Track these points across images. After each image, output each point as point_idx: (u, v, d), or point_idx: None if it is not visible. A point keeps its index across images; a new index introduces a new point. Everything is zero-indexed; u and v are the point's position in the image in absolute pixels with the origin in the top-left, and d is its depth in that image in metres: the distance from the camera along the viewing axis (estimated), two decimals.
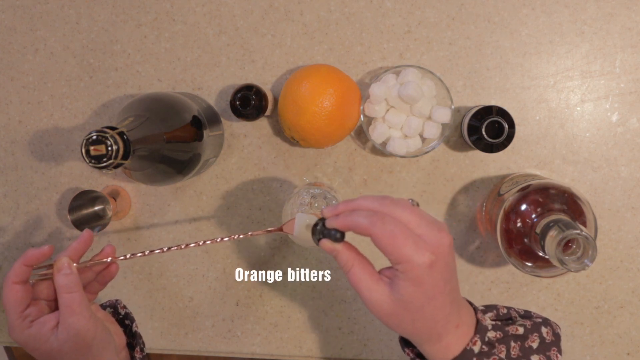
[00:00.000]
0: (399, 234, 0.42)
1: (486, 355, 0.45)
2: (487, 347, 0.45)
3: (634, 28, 0.65)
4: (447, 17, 0.66)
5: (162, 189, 0.72)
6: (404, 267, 0.42)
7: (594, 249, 0.49)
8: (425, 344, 0.45)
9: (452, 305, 0.44)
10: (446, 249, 0.43)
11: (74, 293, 0.48)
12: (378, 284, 0.45)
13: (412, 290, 0.42)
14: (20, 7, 0.72)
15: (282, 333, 0.72)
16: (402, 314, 0.43)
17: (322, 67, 0.64)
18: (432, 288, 0.43)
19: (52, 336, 0.48)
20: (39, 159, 0.73)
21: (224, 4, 0.69)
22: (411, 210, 0.43)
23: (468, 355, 0.44)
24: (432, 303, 0.43)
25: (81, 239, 0.52)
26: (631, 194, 0.66)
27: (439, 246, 0.42)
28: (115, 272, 0.54)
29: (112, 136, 0.46)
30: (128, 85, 0.71)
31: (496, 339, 0.46)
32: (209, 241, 0.53)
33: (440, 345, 0.45)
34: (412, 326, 0.44)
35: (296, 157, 0.70)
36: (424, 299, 0.43)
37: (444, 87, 0.63)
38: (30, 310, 0.49)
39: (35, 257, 0.49)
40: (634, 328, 0.67)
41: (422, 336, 0.45)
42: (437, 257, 0.42)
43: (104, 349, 0.50)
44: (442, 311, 0.44)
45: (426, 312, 0.43)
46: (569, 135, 0.66)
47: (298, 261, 0.71)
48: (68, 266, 0.49)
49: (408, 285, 0.42)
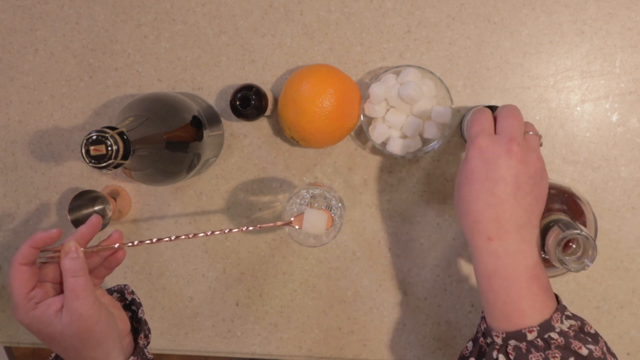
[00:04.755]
0: (481, 116, 0.52)
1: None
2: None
3: (634, 28, 0.65)
4: (447, 17, 0.66)
5: (162, 189, 0.72)
6: (468, 141, 0.51)
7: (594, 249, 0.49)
8: (469, 233, 0.50)
9: (489, 209, 0.48)
10: (502, 156, 0.48)
11: (79, 277, 0.48)
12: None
13: (463, 165, 0.51)
14: (20, 7, 0.72)
15: (282, 333, 0.72)
16: (457, 188, 0.52)
17: (322, 67, 0.64)
18: (471, 171, 0.50)
19: (56, 319, 0.48)
20: (39, 159, 0.73)
21: (224, 4, 0.69)
22: (517, 119, 0.51)
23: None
24: (469, 185, 0.50)
25: (89, 224, 0.52)
26: (631, 194, 0.66)
27: (501, 144, 0.49)
28: (122, 258, 0.55)
29: (112, 136, 0.46)
30: (128, 85, 0.71)
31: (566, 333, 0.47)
32: (218, 231, 0.53)
33: (480, 244, 0.49)
34: (457, 201, 0.51)
35: (296, 157, 0.70)
36: (463, 177, 0.51)
37: (444, 87, 0.63)
38: (35, 292, 0.49)
39: (42, 240, 0.49)
40: (634, 328, 0.67)
41: (463, 218, 0.51)
42: (489, 152, 0.49)
43: (107, 334, 0.50)
44: (477, 201, 0.49)
45: (464, 192, 0.50)
46: (569, 135, 0.66)
47: (298, 261, 0.71)
48: (75, 250, 0.49)
49: (464, 160, 0.51)
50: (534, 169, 0.49)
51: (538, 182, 0.50)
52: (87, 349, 0.49)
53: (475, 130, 0.51)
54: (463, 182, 0.51)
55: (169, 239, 0.53)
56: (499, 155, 0.49)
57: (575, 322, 0.48)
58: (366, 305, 0.71)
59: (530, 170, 0.49)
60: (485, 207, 0.49)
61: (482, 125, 0.51)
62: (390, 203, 0.69)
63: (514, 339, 0.47)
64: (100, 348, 0.50)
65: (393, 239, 0.69)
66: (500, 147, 0.49)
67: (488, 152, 0.49)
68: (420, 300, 0.70)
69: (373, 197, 0.69)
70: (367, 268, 0.70)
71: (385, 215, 0.69)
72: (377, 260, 0.70)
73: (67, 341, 0.48)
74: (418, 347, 0.70)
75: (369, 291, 0.70)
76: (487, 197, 0.49)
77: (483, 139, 0.50)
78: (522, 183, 0.48)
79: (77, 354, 0.50)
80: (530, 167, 0.49)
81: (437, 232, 0.69)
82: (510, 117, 0.51)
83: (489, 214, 0.48)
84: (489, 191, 0.48)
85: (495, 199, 0.48)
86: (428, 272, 0.69)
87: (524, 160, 0.49)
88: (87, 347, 0.49)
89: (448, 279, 0.69)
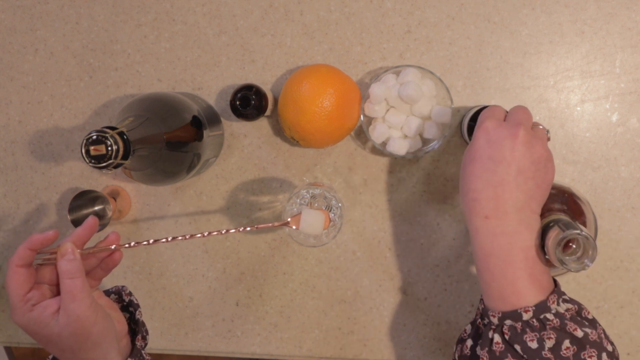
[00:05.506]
0: (494, 108, 0.54)
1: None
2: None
3: (634, 28, 0.65)
4: (447, 17, 0.66)
5: (162, 189, 0.72)
6: (477, 126, 0.52)
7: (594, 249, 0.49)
8: (468, 212, 0.51)
9: (489, 188, 0.49)
10: (507, 138, 0.49)
11: (75, 279, 0.48)
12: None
13: (469, 146, 0.52)
14: (20, 7, 0.72)
15: (282, 333, 0.72)
16: (461, 168, 0.53)
17: (322, 67, 0.64)
18: (475, 150, 0.51)
19: (53, 321, 0.48)
20: (39, 159, 0.73)
21: (224, 4, 0.69)
22: (527, 113, 0.53)
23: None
24: (472, 164, 0.51)
25: (86, 225, 0.52)
26: (631, 194, 0.66)
27: (507, 128, 0.50)
28: (118, 260, 0.54)
29: (112, 136, 0.46)
30: (128, 85, 0.71)
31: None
32: (215, 232, 0.53)
33: (478, 223, 0.50)
34: (460, 181, 0.53)
35: (296, 157, 0.70)
36: (467, 157, 0.52)
37: (444, 87, 0.63)
38: (32, 293, 0.49)
39: (39, 242, 0.49)
40: (634, 328, 0.67)
41: (463, 197, 0.52)
42: (495, 134, 0.50)
43: (105, 335, 0.50)
44: (478, 180, 0.50)
45: (467, 171, 0.51)
46: (569, 135, 0.66)
47: (298, 261, 0.71)
48: (72, 252, 0.49)
49: (471, 141, 0.52)
50: (538, 155, 0.50)
51: (541, 169, 0.50)
52: (85, 350, 0.49)
53: (485, 116, 0.53)
54: (467, 161, 0.52)
55: (166, 240, 0.52)
56: (504, 137, 0.50)
57: (573, 305, 0.48)
58: (366, 305, 0.71)
59: (533, 156, 0.50)
60: (485, 186, 0.49)
61: (493, 113, 0.53)
62: (390, 203, 0.69)
63: (510, 318, 0.48)
64: (97, 350, 0.49)
65: (393, 239, 0.69)
66: (506, 130, 0.50)
67: (494, 133, 0.50)
68: (420, 300, 0.70)
69: (373, 197, 0.69)
70: (367, 268, 0.70)
71: (385, 215, 0.69)
72: (377, 260, 0.70)
73: (64, 343, 0.48)
74: (418, 347, 0.70)
75: (369, 291, 0.70)
76: (488, 176, 0.49)
77: (490, 121, 0.51)
78: (524, 167, 0.49)
79: (75, 355, 0.49)
80: (534, 153, 0.50)
81: (437, 232, 0.69)
82: (520, 110, 0.53)
83: (488, 192, 0.49)
84: (490, 170, 0.49)
85: (495, 179, 0.49)
86: (428, 272, 0.69)
87: (529, 145, 0.49)
88: (84, 349, 0.49)
89: (448, 279, 0.69)
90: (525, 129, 0.50)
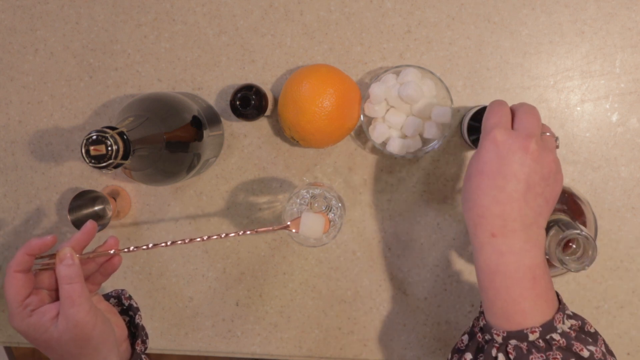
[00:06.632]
0: (500, 109, 0.51)
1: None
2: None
3: (634, 28, 0.65)
4: (447, 17, 0.66)
5: (162, 189, 0.72)
6: (483, 133, 0.50)
7: (594, 249, 0.49)
8: (473, 227, 0.49)
9: (497, 206, 0.47)
10: (517, 152, 0.47)
11: (74, 284, 0.48)
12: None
13: (476, 155, 0.50)
14: (20, 7, 0.72)
15: (282, 333, 0.72)
16: (466, 178, 0.51)
17: (322, 67, 0.64)
18: (483, 163, 0.48)
19: (52, 326, 0.48)
20: (39, 159, 0.73)
21: (224, 4, 0.69)
22: (537, 118, 0.50)
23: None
24: (479, 177, 0.48)
25: (84, 230, 0.52)
26: (631, 194, 0.66)
27: (517, 140, 0.47)
28: (118, 264, 0.54)
29: (112, 136, 0.46)
30: (128, 85, 0.71)
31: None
32: (215, 236, 0.53)
33: (481, 240, 0.49)
34: (464, 191, 0.50)
35: (296, 157, 0.70)
36: (474, 169, 0.49)
37: (444, 87, 0.63)
38: (31, 299, 0.48)
39: (37, 247, 0.49)
40: (634, 328, 0.67)
41: (468, 211, 0.50)
42: (504, 147, 0.47)
43: (104, 340, 0.49)
44: (485, 196, 0.48)
45: (473, 184, 0.49)
46: (569, 135, 0.66)
47: (298, 261, 0.71)
48: (70, 257, 0.49)
49: (477, 151, 0.50)
50: (548, 170, 0.48)
51: (551, 184, 0.49)
52: (84, 355, 0.49)
53: (492, 122, 0.50)
54: (473, 173, 0.49)
55: (165, 245, 0.52)
56: (514, 152, 0.47)
57: (576, 321, 0.48)
58: (366, 305, 0.71)
59: (544, 170, 0.48)
60: (492, 203, 0.48)
61: (500, 118, 0.50)
62: (390, 203, 0.69)
63: (515, 338, 0.47)
64: (97, 355, 0.49)
65: (393, 239, 0.69)
66: (516, 144, 0.47)
67: (504, 146, 0.48)
68: (420, 300, 0.70)
69: (373, 197, 0.69)
70: (367, 268, 0.70)
71: (385, 215, 0.69)
72: (377, 260, 0.70)
73: (63, 348, 0.48)
74: (418, 347, 0.70)
75: (369, 291, 0.70)
76: (496, 193, 0.47)
77: (500, 132, 0.48)
78: (534, 183, 0.47)
79: None
80: (544, 168, 0.48)
81: (437, 232, 0.69)
82: (529, 115, 0.50)
83: (496, 210, 0.47)
84: (499, 187, 0.47)
85: (504, 196, 0.47)
86: (428, 272, 0.69)
87: (539, 160, 0.48)
88: (84, 354, 0.49)
89: (448, 279, 0.69)
90: (536, 141, 0.48)
